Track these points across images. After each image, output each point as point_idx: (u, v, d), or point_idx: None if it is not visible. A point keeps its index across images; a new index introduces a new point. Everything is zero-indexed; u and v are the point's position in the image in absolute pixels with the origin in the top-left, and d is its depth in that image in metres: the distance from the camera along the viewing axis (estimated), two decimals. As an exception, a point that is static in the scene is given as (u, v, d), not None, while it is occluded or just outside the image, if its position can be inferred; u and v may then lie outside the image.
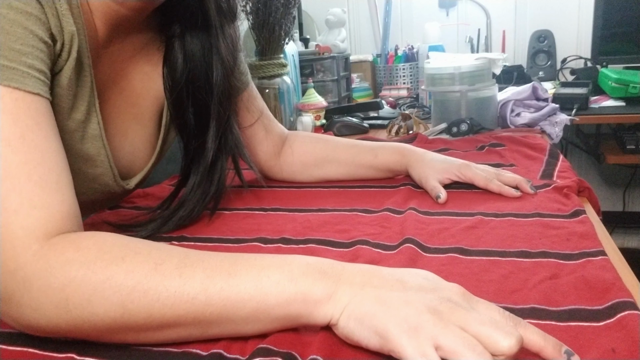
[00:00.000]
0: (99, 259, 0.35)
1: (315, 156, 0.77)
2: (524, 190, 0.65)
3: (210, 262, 0.36)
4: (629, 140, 1.58)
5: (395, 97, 1.58)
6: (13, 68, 0.38)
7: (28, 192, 0.37)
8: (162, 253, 0.36)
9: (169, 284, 0.34)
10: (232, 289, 0.34)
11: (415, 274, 0.36)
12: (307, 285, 0.34)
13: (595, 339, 0.34)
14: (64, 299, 0.34)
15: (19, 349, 0.38)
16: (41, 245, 0.36)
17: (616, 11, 1.72)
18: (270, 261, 0.36)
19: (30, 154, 0.38)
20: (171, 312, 0.34)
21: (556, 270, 0.44)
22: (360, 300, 0.33)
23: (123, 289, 0.34)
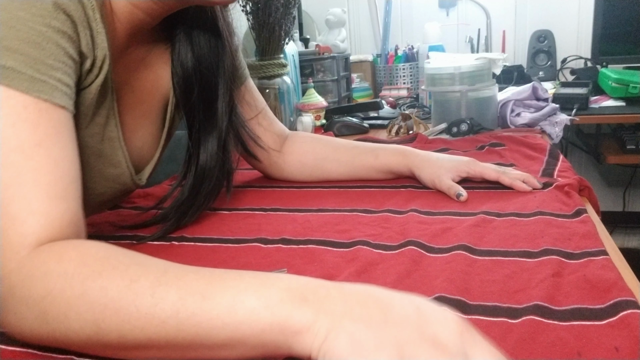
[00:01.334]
0: (77, 272, 0.34)
1: (315, 156, 0.77)
2: (532, 185, 0.66)
3: (186, 281, 0.33)
4: (629, 140, 1.58)
5: (395, 97, 1.58)
6: (43, 81, 0.40)
7: (31, 199, 0.37)
8: (139, 269, 0.34)
9: (140, 304, 0.32)
10: (204, 315, 0.31)
11: (408, 302, 0.31)
12: (284, 314, 0.31)
13: (598, 338, 0.34)
14: (42, 311, 0.34)
15: (19, 349, 0.38)
16: (28, 253, 0.36)
17: (616, 11, 1.72)
18: (248, 283, 0.33)
19: (42, 161, 0.38)
20: (142, 334, 0.32)
21: (558, 270, 0.44)
22: (337, 336, 0.29)
23: (96, 306, 0.33)
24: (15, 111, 0.38)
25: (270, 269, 0.48)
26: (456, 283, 0.43)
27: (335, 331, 0.30)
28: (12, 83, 0.38)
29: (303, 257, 0.51)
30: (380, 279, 0.45)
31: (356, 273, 0.46)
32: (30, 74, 0.39)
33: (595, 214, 0.60)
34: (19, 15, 0.39)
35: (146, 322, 0.32)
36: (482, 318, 0.38)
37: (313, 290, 0.32)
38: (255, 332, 0.31)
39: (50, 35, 0.40)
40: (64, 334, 0.34)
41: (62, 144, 0.41)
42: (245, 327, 0.31)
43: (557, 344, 0.34)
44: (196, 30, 0.61)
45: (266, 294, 0.32)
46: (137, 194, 0.78)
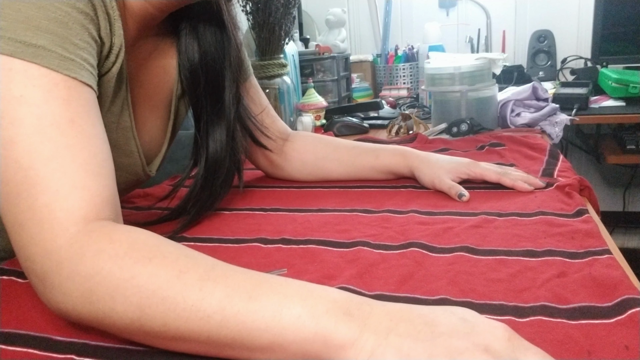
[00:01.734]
0: (128, 255, 0.35)
1: (316, 155, 0.78)
2: (534, 184, 0.66)
3: (234, 279, 0.34)
4: (629, 140, 1.58)
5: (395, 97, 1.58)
6: (72, 59, 0.41)
7: (71, 174, 0.37)
8: (189, 261, 0.35)
9: (187, 296, 0.33)
10: (249, 315, 0.32)
11: (450, 313, 0.32)
12: (330, 326, 0.31)
13: (608, 336, 0.34)
14: (89, 289, 0.34)
15: (19, 349, 0.38)
16: (78, 230, 0.36)
17: (616, 11, 1.72)
18: (295, 290, 0.33)
19: (77, 138, 0.39)
20: (185, 325, 0.32)
21: (563, 269, 0.44)
22: (383, 354, 0.29)
23: (143, 291, 0.33)
24: (47, 89, 0.39)
25: (270, 269, 0.48)
26: (460, 283, 0.43)
27: (382, 347, 0.29)
28: (43, 61, 0.39)
29: (303, 257, 0.51)
30: (382, 280, 0.44)
31: (357, 274, 0.46)
32: (59, 53, 0.40)
33: (595, 214, 0.60)
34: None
35: (191, 314, 0.32)
36: (488, 317, 0.38)
37: (357, 305, 0.32)
38: (297, 340, 0.31)
39: (75, 16, 0.41)
40: (107, 315, 0.34)
41: (93, 122, 0.41)
42: (288, 333, 0.31)
43: (567, 343, 0.34)
44: (202, 23, 0.61)
45: (312, 304, 0.32)
46: (136, 194, 0.78)
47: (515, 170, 0.70)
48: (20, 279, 0.50)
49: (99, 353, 0.37)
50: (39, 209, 0.36)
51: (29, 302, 0.45)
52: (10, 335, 0.40)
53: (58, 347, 0.38)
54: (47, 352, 0.38)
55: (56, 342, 0.39)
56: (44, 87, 0.39)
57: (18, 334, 0.40)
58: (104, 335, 0.39)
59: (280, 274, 0.47)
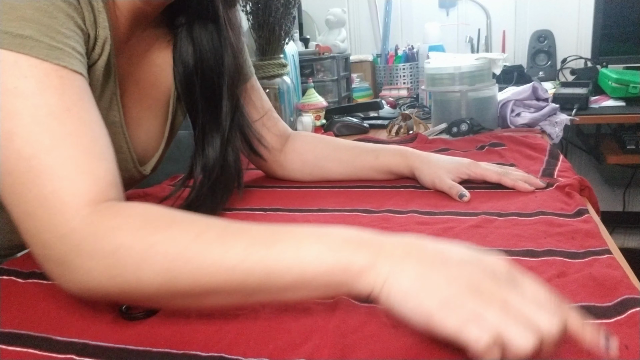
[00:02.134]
0: (145, 227, 0.36)
1: (316, 155, 0.77)
2: (535, 185, 0.66)
3: (251, 232, 0.36)
4: (629, 140, 1.58)
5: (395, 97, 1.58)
6: (60, 48, 0.40)
7: (75, 160, 0.38)
8: (203, 223, 0.37)
9: (210, 253, 0.34)
10: (273, 259, 0.34)
11: (456, 247, 0.35)
12: (347, 255, 0.33)
13: None
14: (112, 264, 0.35)
15: (19, 349, 0.38)
16: (90, 212, 0.37)
17: (616, 11, 1.72)
18: (310, 232, 0.36)
19: (75, 125, 0.39)
20: (213, 279, 0.34)
21: (563, 269, 0.44)
22: (401, 275, 0.32)
23: (167, 256, 0.35)
24: (39, 79, 0.39)
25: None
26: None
27: (398, 270, 0.32)
28: (32, 51, 0.38)
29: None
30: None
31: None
32: (47, 42, 0.39)
33: (596, 214, 0.60)
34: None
35: (217, 268, 0.34)
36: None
37: (370, 238, 0.35)
38: (319, 273, 0.33)
39: (59, 5, 0.41)
40: (133, 286, 0.36)
41: (88, 108, 0.42)
42: (310, 269, 0.33)
43: (567, 342, 0.34)
44: (198, 27, 0.61)
45: (328, 240, 0.34)
46: (136, 194, 0.77)
47: (516, 170, 0.70)
48: (20, 279, 0.50)
49: (99, 353, 0.37)
50: (48, 196, 0.37)
51: (29, 302, 0.45)
52: (10, 335, 0.40)
53: (58, 347, 0.38)
54: (47, 352, 0.37)
55: (56, 342, 0.39)
56: (36, 77, 0.38)
57: (18, 334, 0.40)
58: (103, 335, 0.39)
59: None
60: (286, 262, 0.34)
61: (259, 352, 0.36)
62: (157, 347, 0.37)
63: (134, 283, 0.35)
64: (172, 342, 0.38)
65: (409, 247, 0.34)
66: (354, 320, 0.39)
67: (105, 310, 0.43)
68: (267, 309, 0.41)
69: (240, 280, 0.34)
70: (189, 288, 0.35)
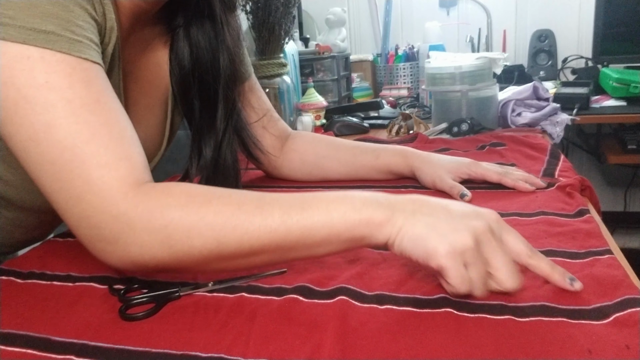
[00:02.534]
0: (190, 203, 0.40)
1: (316, 154, 0.77)
2: (536, 184, 0.66)
3: (283, 201, 0.41)
4: (630, 140, 1.58)
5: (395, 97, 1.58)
6: (80, 41, 0.42)
7: (113, 148, 0.41)
8: (240, 197, 0.42)
9: (253, 219, 0.40)
10: (307, 220, 0.40)
11: (456, 203, 0.41)
12: (369, 213, 0.40)
13: (608, 335, 0.34)
14: (165, 237, 0.40)
15: (18, 350, 0.38)
16: (136, 193, 0.41)
17: (617, 11, 1.71)
18: (334, 197, 0.41)
19: (106, 115, 0.42)
20: (258, 242, 0.40)
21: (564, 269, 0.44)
22: (413, 224, 0.39)
23: (215, 226, 0.40)
24: (67, 72, 0.40)
25: (270, 269, 0.48)
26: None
27: (411, 221, 0.39)
28: (56, 46, 0.40)
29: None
30: (382, 280, 0.44)
31: (357, 275, 0.46)
32: (68, 36, 0.41)
33: (597, 214, 0.60)
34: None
35: (260, 232, 0.39)
36: (487, 316, 0.38)
37: (384, 197, 0.42)
38: (347, 228, 0.40)
39: (75, 1, 0.42)
40: (186, 254, 0.40)
41: (112, 98, 0.44)
42: (339, 226, 0.40)
43: (568, 342, 0.34)
44: (195, 28, 0.61)
45: (351, 202, 0.40)
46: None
47: (517, 170, 0.70)
48: (20, 279, 0.50)
49: (98, 353, 0.37)
50: (95, 181, 0.40)
51: (29, 302, 0.45)
52: (9, 336, 0.40)
53: (57, 348, 0.38)
54: (46, 353, 0.37)
55: (55, 342, 0.39)
56: (64, 71, 0.40)
57: (17, 334, 0.40)
58: (103, 336, 0.39)
59: (280, 274, 0.47)
60: (318, 221, 0.40)
61: (259, 352, 0.36)
62: (156, 348, 0.37)
63: (187, 251, 0.40)
64: (172, 343, 0.38)
65: (419, 203, 0.41)
66: (354, 321, 0.39)
67: (105, 311, 0.43)
68: (266, 310, 0.41)
69: (280, 239, 0.40)
70: (236, 251, 0.40)
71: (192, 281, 0.47)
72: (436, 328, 0.37)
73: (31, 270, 0.52)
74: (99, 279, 0.49)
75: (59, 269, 0.52)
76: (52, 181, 0.41)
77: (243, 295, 0.44)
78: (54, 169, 0.40)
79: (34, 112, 0.39)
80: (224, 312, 0.41)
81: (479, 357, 0.33)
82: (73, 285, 0.48)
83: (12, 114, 0.39)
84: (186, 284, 0.46)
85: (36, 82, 0.39)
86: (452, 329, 0.37)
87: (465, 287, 0.37)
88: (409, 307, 0.40)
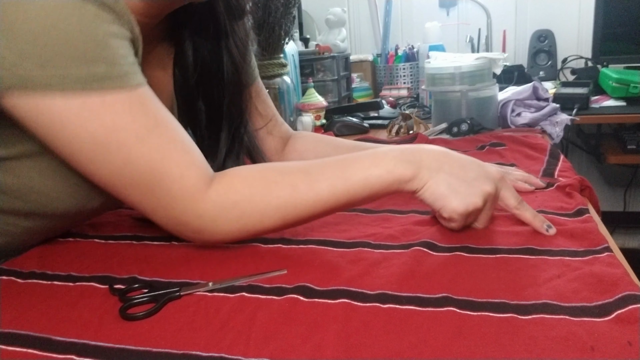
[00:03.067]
0: (254, 193, 0.48)
1: (316, 155, 0.77)
2: (535, 184, 0.66)
3: (327, 174, 0.49)
4: (629, 140, 1.58)
5: (395, 97, 1.58)
6: (127, 71, 0.44)
7: (182, 160, 0.46)
8: (292, 177, 0.49)
9: (307, 197, 0.49)
10: (350, 187, 0.49)
11: (471, 163, 0.51)
12: (399, 172, 0.49)
13: (610, 332, 0.34)
14: (243, 225, 0.49)
15: (19, 350, 0.38)
16: (210, 193, 0.48)
17: (617, 11, 1.71)
18: (370, 161, 0.50)
19: (169, 132, 0.46)
20: (315, 210, 0.50)
21: (564, 268, 0.44)
22: (437, 182, 0.49)
23: (279, 207, 0.49)
24: (127, 108, 0.43)
25: (270, 269, 0.48)
26: (462, 282, 0.43)
27: (434, 179, 0.49)
28: (111, 85, 0.42)
29: (303, 257, 0.51)
30: (384, 279, 0.44)
31: (358, 274, 0.46)
32: (118, 72, 0.43)
33: (596, 214, 0.60)
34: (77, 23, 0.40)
35: (315, 204, 0.49)
36: (490, 314, 0.38)
37: (411, 154, 0.50)
38: (383, 187, 0.50)
39: (108, 30, 0.42)
40: (257, 231, 0.50)
41: (164, 111, 0.47)
42: (377, 187, 0.49)
43: (570, 339, 0.34)
44: (199, 40, 0.61)
45: (384, 164, 0.49)
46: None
47: (516, 170, 0.70)
48: (20, 279, 0.50)
49: (99, 353, 0.37)
50: (176, 193, 0.46)
51: (29, 302, 0.45)
52: (10, 336, 0.40)
53: (58, 347, 0.38)
54: (47, 353, 0.38)
55: (56, 342, 0.39)
56: (124, 107, 0.43)
57: (18, 334, 0.40)
58: (103, 336, 0.39)
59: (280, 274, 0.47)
60: (360, 186, 0.49)
61: (260, 352, 0.36)
62: (157, 347, 0.37)
63: (258, 230, 0.50)
64: (173, 342, 0.38)
65: (441, 160, 0.50)
66: (356, 321, 0.39)
67: (105, 310, 0.43)
68: (267, 310, 0.41)
69: (331, 205, 0.50)
70: (299, 220, 0.50)
71: (193, 281, 0.47)
72: (439, 326, 0.37)
73: (32, 270, 0.52)
74: (99, 279, 0.49)
75: (60, 269, 0.52)
76: (139, 199, 0.47)
77: (243, 295, 0.44)
78: (139, 190, 0.46)
79: (109, 152, 0.43)
80: (225, 311, 0.41)
81: (482, 355, 0.34)
82: (74, 285, 0.48)
83: (91, 157, 0.44)
84: (187, 283, 0.46)
85: (105, 125, 0.42)
86: (455, 328, 0.37)
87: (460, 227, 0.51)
88: (412, 306, 0.40)
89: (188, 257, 0.53)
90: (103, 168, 0.44)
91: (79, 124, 0.42)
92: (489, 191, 0.49)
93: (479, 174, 0.50)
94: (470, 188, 0.49)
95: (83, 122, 0.42)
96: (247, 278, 0.46)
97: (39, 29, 0.39)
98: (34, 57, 0.39)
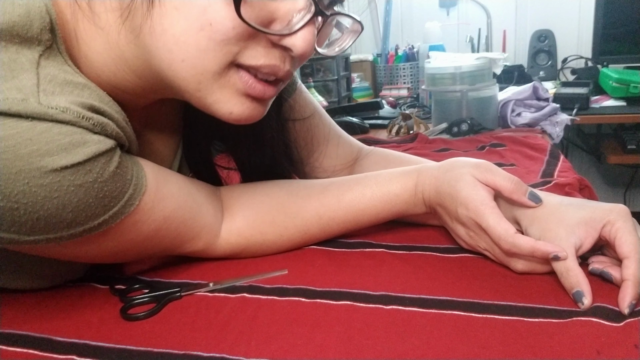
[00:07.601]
0: (264, 235, 0.51)
1: None
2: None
3: (346, 194, 0.52)
4: (629, 140, 1.58)
5: (395, 97, 1.58)
6: (132, 194, 0.39)
7: (192, 227, 0.47)
8: (303, 223, 0.51)
9: (319, 237, 0.53)
10: (369, 207, 0.51)
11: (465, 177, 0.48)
12: (400, 206, 0.52)
13: (616, 335, 0.34)
14: (250, 254, 0.52)
15: (19, 350, 0.38)
16: (222, 239, 0.50)
17: (617, 11, 1.72)
18: (388, 179, 0.52)
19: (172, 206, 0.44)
20: (336, 227, 0.52)
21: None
22: (436, 198, 0.50)
23: (292, 245, 0.52)
24: (135, 233, 0.41)
25: (270, 270, 0.48)
26: (467, 285, 0.43)
27: (433, 196, 0.50)
28: (125, 211, 0.39)
29: (304, 257, 0.51)
30: (387, 282, 0.44)
31: (360, 276, 0.46)
32: (125, 200, 0.38)
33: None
34: (74, 185, 0.35)
35: (337, 221, 0.52)
36: (495, 317, 0.38)
37: (410, 191, 0.51)
38: (393, 214, 0.53)
39: (100, 180, 0.36)
40: (282, 249, 0.52)
41: (167, 188, 0.44)
42: (392, 204, 0.52)
43: (577, 342, 0.34)
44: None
45: (388, 200, 0.51)
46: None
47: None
48: (21, 279, 0.50)
49: (100, 353, 0.37)
50: (190, 249, 0.48)
51: (29, 302, 0.45)
52: (10, 336, 0.40)
53: (59, 348, 0.38)
54: (48, 353, 0.37)
55: (57, 342, 0.39)
56: (130, 227, 0.41)
57: (18, 334, 0.40)
58: (104, 336, 0.39)
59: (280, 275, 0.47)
60: (380, 206, 0.51)
61: (261, 352, 0.36)
62: (158, 348, 0.37)
63: (283, 248, 0.52)
64: (174, 343, 0.38)
65: (439, 181, 0.49)
66: (359, 322, 0.39)
67: (106, 311, 0.43)
68: (268, 310, 0.41)
69: (351, 222, 0.52)
70: (318, 237, 0.53)
71: (193, 281, 0.47)
72: (443, 328, 0.37)
73: (32, 270, 0.52)
74: (100, 279, 0.49)
75: (60, 269, 0.52)
76: (169, 244, 0.46)
77: (244, 295, 0.44)
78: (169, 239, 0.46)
79: (125, 255, 0.45)
80: (226, 312, 0.41)
81: (487, 357, 0.33)
82: (74, 285, 0.48)
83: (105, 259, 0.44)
84: (187, 284, 0.46)
85: (119, 243, 0.41)
86: (459, 330, 0.37)
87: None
88: (415, 308, 0.40)
89: (189, 258, 0.53)
90: (116, 258, 0.45)
91: (96, 246, 0.40)
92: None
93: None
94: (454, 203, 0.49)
95: (99, 246, 0.40)
96: (248, 278, 0.46)
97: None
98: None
